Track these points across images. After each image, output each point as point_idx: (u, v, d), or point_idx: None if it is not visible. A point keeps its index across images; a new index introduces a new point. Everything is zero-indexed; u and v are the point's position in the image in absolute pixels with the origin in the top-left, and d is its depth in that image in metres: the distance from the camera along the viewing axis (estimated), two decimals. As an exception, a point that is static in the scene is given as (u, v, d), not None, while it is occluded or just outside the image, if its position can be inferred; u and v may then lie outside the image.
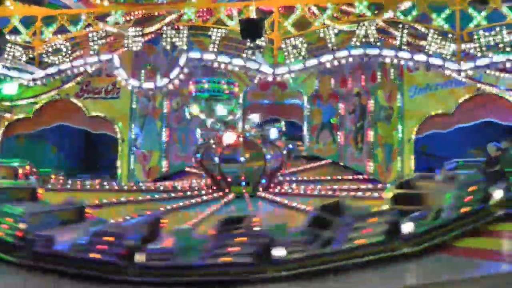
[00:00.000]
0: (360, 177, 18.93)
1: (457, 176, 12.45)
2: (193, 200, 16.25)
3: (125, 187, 18.17)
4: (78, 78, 19.53)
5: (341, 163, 20.19)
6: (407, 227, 10.73)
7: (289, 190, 17.14)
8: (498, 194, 11.18)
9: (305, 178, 18.91)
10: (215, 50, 17.39)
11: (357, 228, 10.65)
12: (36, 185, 16.32)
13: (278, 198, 16.10)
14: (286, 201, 15.63)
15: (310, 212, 11.77)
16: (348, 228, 10.64)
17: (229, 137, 16.57)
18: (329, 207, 11.51)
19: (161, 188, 18.01)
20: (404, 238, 10.67)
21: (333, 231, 10.68)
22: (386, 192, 12.92)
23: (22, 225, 11.53)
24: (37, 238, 11.18)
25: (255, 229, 10.95)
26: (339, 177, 18.74)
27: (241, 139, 16.76)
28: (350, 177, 18.89)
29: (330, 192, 16.48)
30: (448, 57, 16.04)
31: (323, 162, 20.28)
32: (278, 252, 10.31)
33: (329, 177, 18.73)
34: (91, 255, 10.63)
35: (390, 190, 12.68)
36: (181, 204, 15.83)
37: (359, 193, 16.03)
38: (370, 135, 19.34)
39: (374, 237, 10.62)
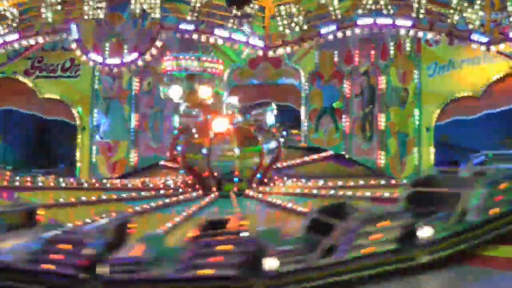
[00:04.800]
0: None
1: (486, 171, 12.43)
2: (167, 200, 16.04)
3: (86, 184, 17.95)
4: (28, 53, 19.22)
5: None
6: (425, 232, 10.67)
7: (282, 189, 16.92)
8: None
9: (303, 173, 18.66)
10: (195, 19, 17.21)
11: (365, 233, 10.52)
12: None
13: (269, 198, 15.90)
14: (279, 202, 15.43)
15: (308, 215, 11.57)
16: (354, 233, 10.49)
17: (219, 124, 16.32)
18: (331, 208, 11.43)
19: (129, 186, 17.75)
20: (421, 245, 10.61)
21: (335, 237, 10.51)
22: (400, 191, 12.81)
23: None
24: None
25: (242, 234, 10.73)
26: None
27: (233, 126, 16.49)
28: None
29: (332, 191, 16.27)
30: (476, 27, 16.02)
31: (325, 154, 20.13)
32: (270, 263, 10.06)
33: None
34: (44, 267, 10.32)
35: (405, 188, 12.54)
36: (153, 205, 15.62)
37: (367, 193, 15.80)
38: (381, 122, 19.17)
39: (386, 245, 10.51)
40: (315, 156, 19.82)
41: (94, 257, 10.22)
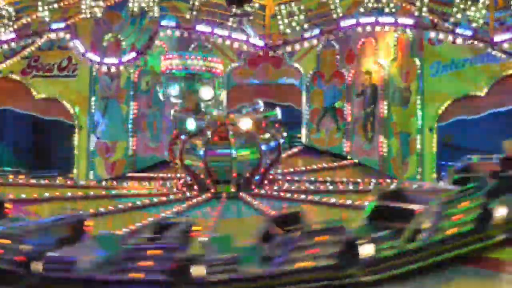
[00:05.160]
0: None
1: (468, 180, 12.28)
2: (156, 200, 16.06)
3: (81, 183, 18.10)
4: (25, 52, 19.17)
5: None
6: (366, 250, 10.52)
7: (275, 193, 16.87)
8: (500, 212, 11.22)
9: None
10: (194, 17, 17.14)
11: (302, 247, 10.45)
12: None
13: (257, 201, 15.87)
14: (262, 206, 15.39)
15: (264, 224, 11.52)
16: (292, 245, 10.46)
17: (246, 123, 16.37)
18: (286, 218, 11.39)
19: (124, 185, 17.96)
20: (362, 263, 10.48)
21: (276, 247, 10.55)
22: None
23: None
24: None
25: (175, 240, 10.65)
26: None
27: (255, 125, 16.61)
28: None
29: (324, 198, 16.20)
30: (480, 26, 15.98)
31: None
32: (197, 271, 10.14)
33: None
34: None
35: (371, 200, 12.29)
36: (138, 203, 15.76)
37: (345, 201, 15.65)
38: (383, 122, 19.17)
39: (323, 260, 10.41)
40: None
41: (31, 254, 10.40)
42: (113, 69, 18.67)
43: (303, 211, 11.46)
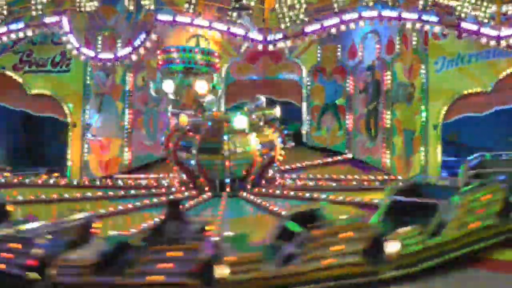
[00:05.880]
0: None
1: (482, 176, 12.60)
2: (155, 200, 16.06)
3: (75, 182, 18.04)
4: (17, 46, 19.21)
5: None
6: (392, 247, 10.64)
7: (277, 191, 16.86)
8: None
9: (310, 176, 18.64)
10: (191, 11, 17.14)
11: (326, 244, 10.54)
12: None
13: (260, 200, 15.86)
14: (268, 204, 15.38)
15: (279, 221, 11.61)
16: (315, 243, 10.52)
17: (240, 121, 16.34)
18: (302, 215, 11.39)
19: (120, 184, 17.85)
20: (387, 259, 10.59)
21: (297, 245, 10.55)
22: (383, 196, 12.79)
23: None
24: None
25: (200, 241, 10.65)
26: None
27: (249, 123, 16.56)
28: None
29: (323, 195, 16.17)
30: (485, 20, 16.04)
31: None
32: (221, 271, 10.13)
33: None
34: None
35: (387, 194, 12.45)
36: (138, 204, 15.70)
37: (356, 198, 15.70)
38: (386, 119, 19.11)
39: (348, 257, 10.50)
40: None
41: (44, 258, 10.32)
42: (108, 65, 18.74)
43: (321, 208, 11.43)
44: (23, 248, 10.52)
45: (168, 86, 17.18)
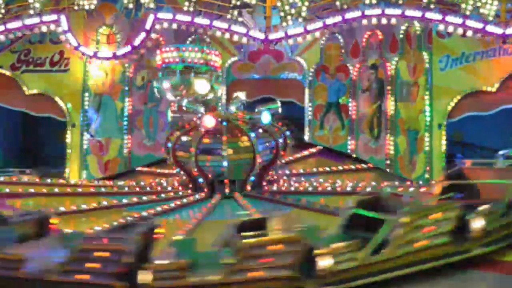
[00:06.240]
0: None
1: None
2: (173, 205, 16.09)
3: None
4: (14, 45, 19.22)
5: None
6: (477, 224, 11.06)
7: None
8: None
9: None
10: (192, 9, 17.12)
11: (417, 227, 10.79)
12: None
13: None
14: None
15: (343, 211, 11.78)
16: (405, 227, 10.73)
17: (209, 121, 16.28)
18: (367, 202, 11.61)
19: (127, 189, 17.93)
20: (474, 237, 10.98)
21: (385, 232, 10.71)
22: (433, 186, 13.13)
23: None
24: None
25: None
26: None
27: (224, 123, 16.46)
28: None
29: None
30: (491, 18, 16.05)
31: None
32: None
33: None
34: (78, 277, 10.40)
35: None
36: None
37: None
38: (390, 119, 19.07)
39: (439, 238, 10.87)
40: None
41: (133, 264, 10.24)
42: (107, 64, 18.71)
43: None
44: (112, 256, 10.43)
45: (168, 85, 17.16)
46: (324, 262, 10.25)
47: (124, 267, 10.12)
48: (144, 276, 10.05)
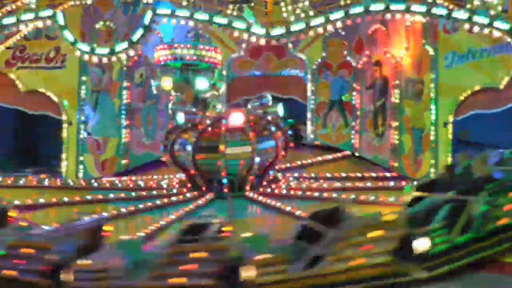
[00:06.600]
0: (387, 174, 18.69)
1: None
2: (158, 202, 16.11)
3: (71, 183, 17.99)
4: (9, 41, 19.19)
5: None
6: (421, 245, 10.52)
7: (284, 191, 16.85)
8: None
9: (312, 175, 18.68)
10: (191, 4, 16.98)
11: (355, 244, 10.45)
12: None
13: (269, 201, 15.84)
14: (278, 205, 15.35)
15: (299, 221, 11.66)
16: (343, 243, 10.44)
17: (236, 118, 16.32)
18: (323, 214, 11.26)
19: (119, 185, 17.93)
20: (417, 259, 10.47)
21: (323, 246, 10.45)
22: (404, 194, 12.63)
23: None
24: None
25: (221, 241, 10.63)
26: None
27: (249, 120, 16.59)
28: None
29: (335, 194, 16.13)
30: (498, 14, 15.97)
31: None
32: (247, 272, 10.11)
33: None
34: (5, 272, 10.58)
35: (410, 191, 12.35)
36: (141, 206, 15.73)
37: (371, 197, 15.69)
38: (394, 117, 19.03)
39: (378, 257, 10.41)
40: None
41: (58, 263, 10.34)
42: (104, 60, 18.64)
43: (342, 207, 11.22)
44: (37, 253, 10.58)
45: (167, 84, 17.13)
46: (247, 274, 10.16)
47: (49, 265, 10.24)
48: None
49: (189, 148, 16.50)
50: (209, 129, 16.53)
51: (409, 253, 10.37)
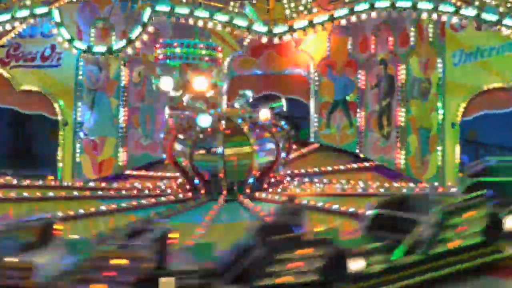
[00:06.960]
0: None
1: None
2: (144, 202, 16.13)
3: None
4: (3, 39, 19.20)
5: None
6: (356, 264, 10.47)
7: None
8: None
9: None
10: (191, 1, 16.99)
11: (450, 226, 10.93)
12: None
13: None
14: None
15: (365, 213, 11.90)
16: (439, 227, 10.86)
17: (204, 120, 16.09)
18: (391, 203, 11.81)
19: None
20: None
21: (417, 233, 10.77)
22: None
23: None
24: None
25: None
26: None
27: (222, 122, 16.32)
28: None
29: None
30: (507, 11, 16.12)
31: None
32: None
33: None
34: None
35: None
36: (123, 205, 15.75)
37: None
38: (400, 116, 18.93)
39: (472, 237, 11.07)
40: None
41: (152, 271, 10.11)
42: (101, 59, 18.57)
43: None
44: None
45: (167, 83, 17.04)
46: (356, 265, 10.26)
47: (144, 274, 9.98)
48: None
49: (187, 149, 16.37)
50: (208, 129, 16.36)
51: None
